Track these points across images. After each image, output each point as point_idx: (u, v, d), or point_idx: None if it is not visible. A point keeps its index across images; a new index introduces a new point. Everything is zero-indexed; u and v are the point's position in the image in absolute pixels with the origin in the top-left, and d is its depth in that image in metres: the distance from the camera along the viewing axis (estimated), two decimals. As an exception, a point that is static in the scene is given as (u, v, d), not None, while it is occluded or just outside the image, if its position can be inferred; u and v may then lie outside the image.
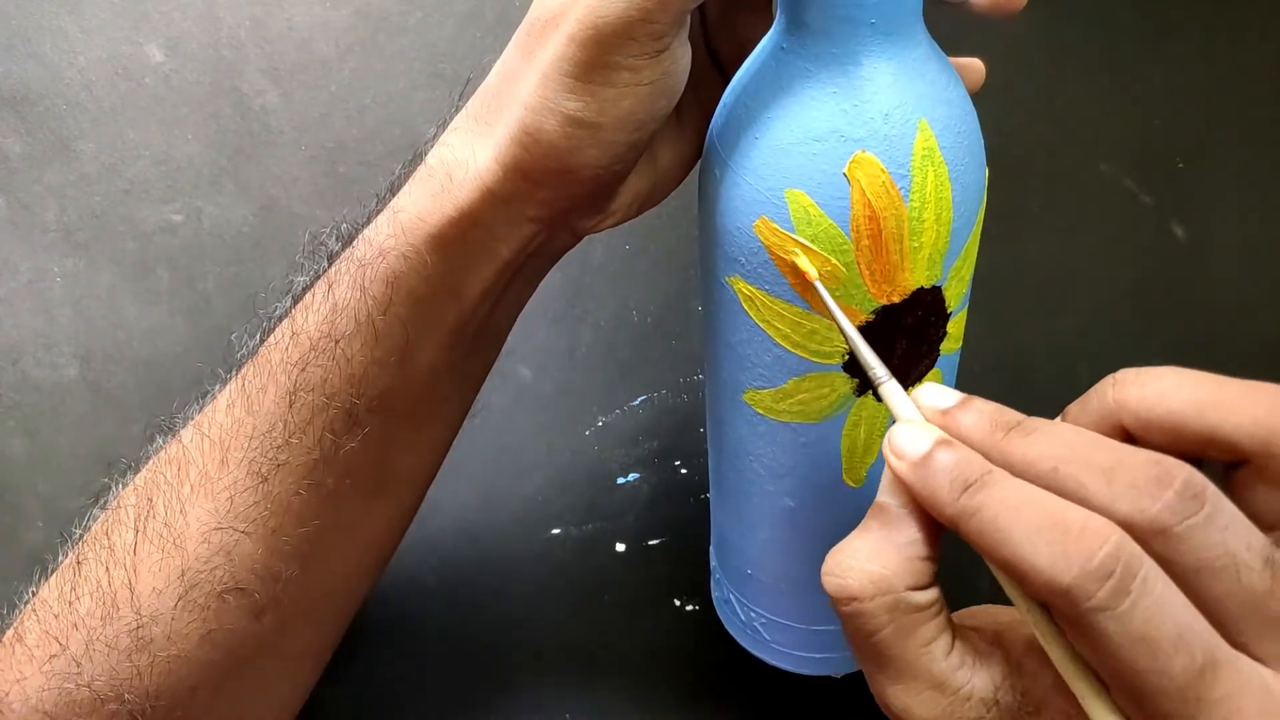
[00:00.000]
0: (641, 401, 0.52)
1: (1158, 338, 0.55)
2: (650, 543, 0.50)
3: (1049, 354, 0.55)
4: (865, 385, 0.32)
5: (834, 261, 0.29)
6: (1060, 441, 0.25)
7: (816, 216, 0.29)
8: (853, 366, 0.32)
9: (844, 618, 0.27)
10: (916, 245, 0.29)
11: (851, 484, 0.35)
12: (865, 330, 0.30)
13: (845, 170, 0.29)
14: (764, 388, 0.33)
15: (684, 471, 0.51)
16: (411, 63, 0.55)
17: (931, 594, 0.27)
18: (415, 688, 0.47)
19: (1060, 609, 0.23)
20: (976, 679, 0.26)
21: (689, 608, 0.48)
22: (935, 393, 0.27)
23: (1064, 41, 0.58)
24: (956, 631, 0.27)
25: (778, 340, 0.32)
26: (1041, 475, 0.25)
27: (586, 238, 0.37)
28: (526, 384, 0.52)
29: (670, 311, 0.53)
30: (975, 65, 0.34)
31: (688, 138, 0.35)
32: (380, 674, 0.47)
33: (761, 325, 0.32)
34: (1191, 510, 0.23)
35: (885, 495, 0.27)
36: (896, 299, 0.30)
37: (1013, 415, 0.26)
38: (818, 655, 0.39)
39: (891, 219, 0.29)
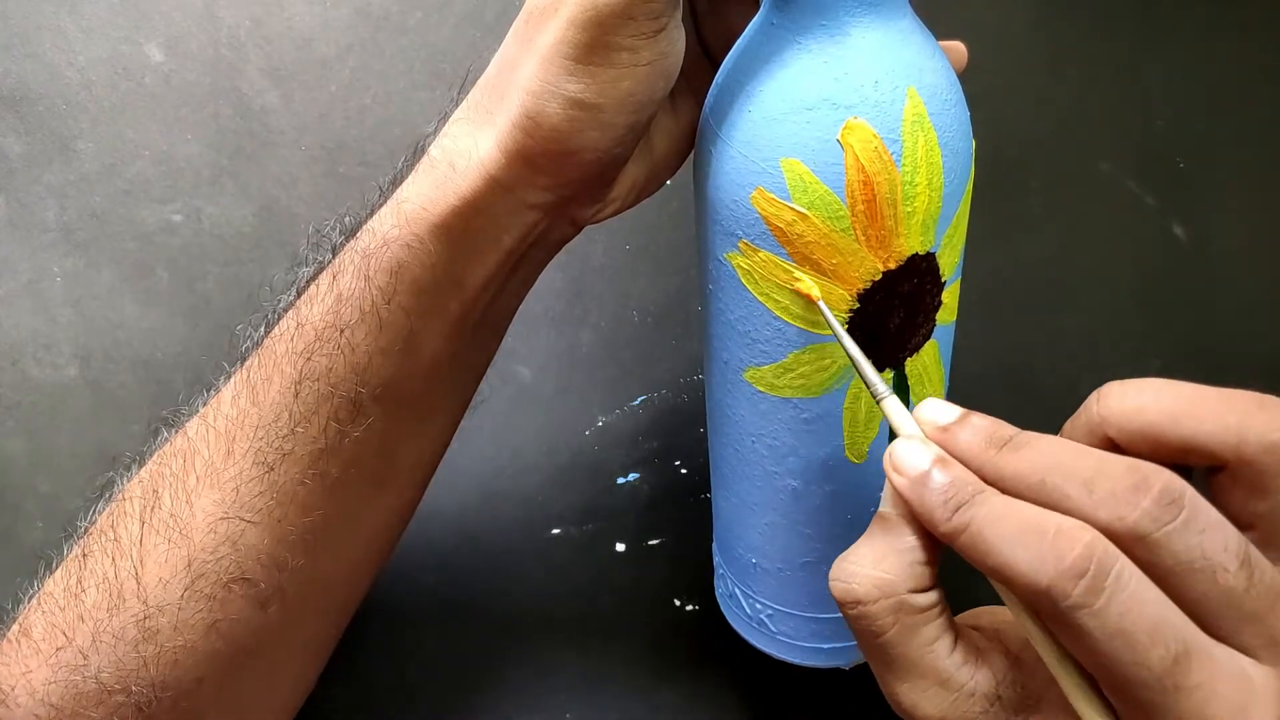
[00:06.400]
0: (641, 401, 0.52)
1: (1159, 338, 0.55)
2: (650, 543, 0.49)
3: (1049, 354, 0.55)
4: (866, 355, 0.33)
5: (832, 227, 0.30)
6: (1046, 454, 0.26)
7: (812, 184, 0.30)
8: (852, 335, 0.32)
9: (851, 620, 0.28)
10: (910, 210, 0.30)
11: (854, 460, 0.35)
12: (863, 297, 0.31)
13: (838, 137, 0.29)
14: (765, 364, 0.33)
15: (684, 471, 0.51)
16: (411, 63, 0.55)
17: (932, 596, 0.28)
18: (415, 688, 0.47)
19: (1043, 609, 0.25)
20: (980, 675, 0.28)
21: (689, 608, 0.48)
22: (935, 408, 0.29)
23: (1064, 41, 0.58)
24: (959, 631, 0.29)
25: (777, 313, 0.32)
26: (1031, 488, 0.26)
27: (587, 237, 0.37)
28: (526, 384, 0.52)
29: (670, 311, 0.53)
30: (958, 48, 0.35)
31: (682, 126, 0.36)
32: (380, 674, 0.47)
33: (760, 299, 0.32)
34: (1170, 516, 0.24)
35: (886, 506, 0.29)
36: (893, 265, 0.31)
37: (1006, 430, 0.28)
38: (825, 646, 0.39)
39: (885, 183, 0.30)
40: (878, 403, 0.30)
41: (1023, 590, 0.25)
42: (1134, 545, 0.24)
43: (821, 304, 0.31)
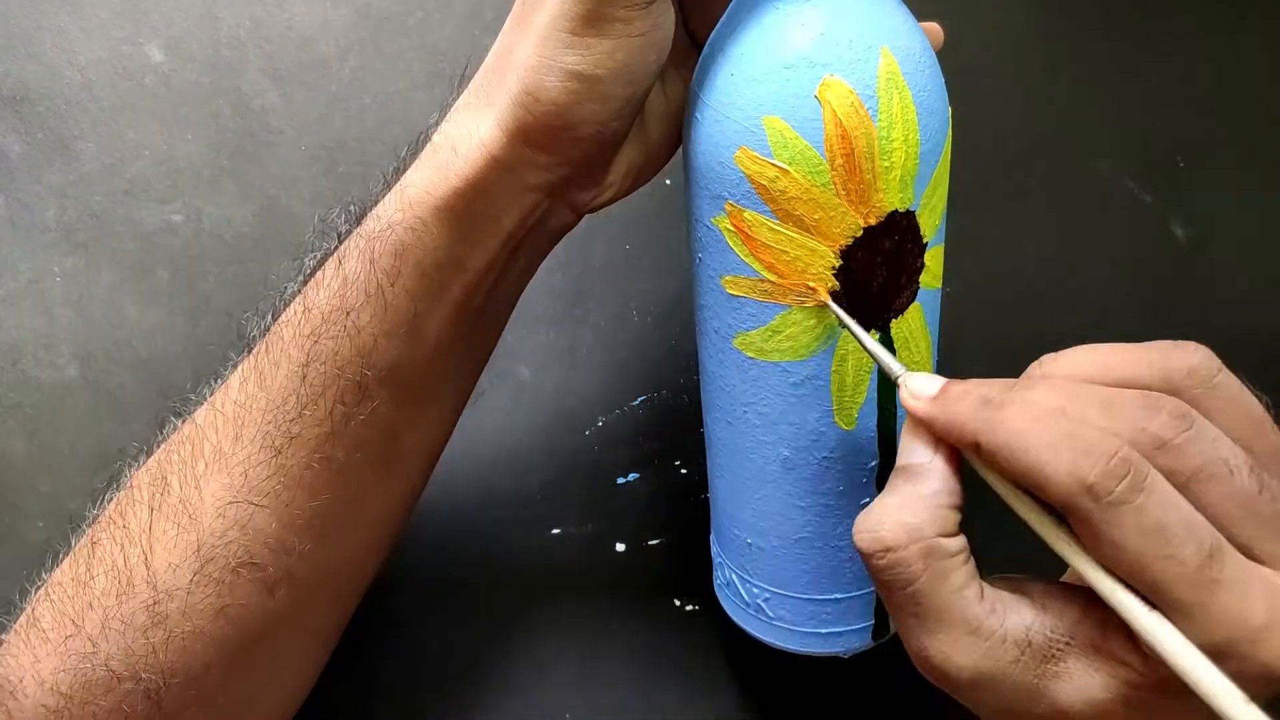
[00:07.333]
0: (641, 402, 0.52)
1: (1158, 337, 0.54)
2: (650, 543, 0.49)
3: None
4: (851, 315, 0.34)
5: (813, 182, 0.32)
6: (1058, 388, 0.27)
7: (792, 139, 0.31)
8: (838, 296, 0.33)
9: (879, 572, 0.28)
10: (888, 165, 0.31)
11: (843, 425, 0.36)
12: (846, 254, 0.32)
13: (816, 93, 0.31)
14: (753, 328, 0.34)
15: (684, 471, 0.51)
16: (411, 63, 0.55)
17: (960, 541, 0.28)
18: (415, 688, 0.47)
19: (1081, 507, 0.26)
20: (1009, 622, 0.28)
21: (689, 608, 0.48)
22: (930, 380, 0.30)
23: (1064, 41, 0.58)
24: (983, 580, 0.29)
25: (763, 274, 0.33)
26: (1050, 413, 0.27)
27: (587, 237, 0.37)
28: (526, 384, 0.52)
29: (670, 311, 0.53)
30: (934, 29, 0.36)
31: (673, 110, 0.37)
32: (380, 674, 0.47)
33: (747, 261, 0.33)
34: (1185, 426, 0.26)
35: (905, 457, 0.29)
36: (873, 220, 0.32)
37: (996, 383, 0.29)
38: (824, 630, 0.40)
39: (862, 138, 0.31)
40: (895, 382, 0.31)
41: (1059, 489, 0.26)
42: (1156, 454, 0.26)
43: (830, 301, 0.32)
